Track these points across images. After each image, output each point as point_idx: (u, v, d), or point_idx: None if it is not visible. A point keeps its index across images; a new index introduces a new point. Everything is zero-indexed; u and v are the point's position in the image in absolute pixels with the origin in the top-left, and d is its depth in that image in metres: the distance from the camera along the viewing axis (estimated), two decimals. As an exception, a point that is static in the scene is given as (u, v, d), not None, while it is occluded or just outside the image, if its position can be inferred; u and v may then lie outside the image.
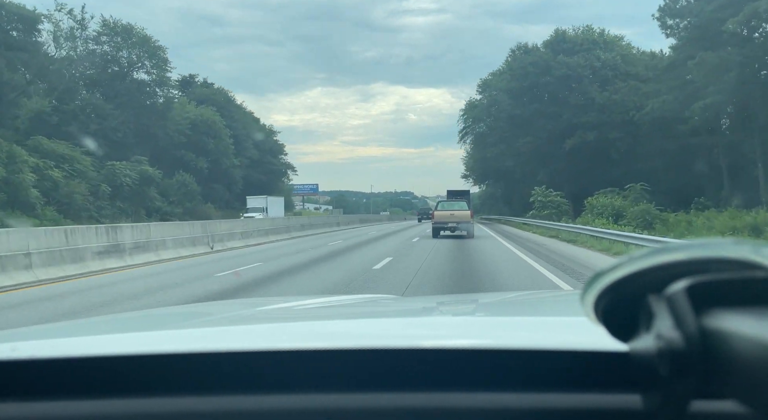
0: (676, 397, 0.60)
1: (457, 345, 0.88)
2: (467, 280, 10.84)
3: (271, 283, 10.79)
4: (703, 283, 0.58)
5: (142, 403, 0.81)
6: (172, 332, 1.36)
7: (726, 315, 0.56)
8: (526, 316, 1.64)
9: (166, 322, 1.72)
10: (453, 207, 25.82)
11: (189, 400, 0.81)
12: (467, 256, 15.85)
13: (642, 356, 0.63)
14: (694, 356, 0.56)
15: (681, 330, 0.57)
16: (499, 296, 2.87)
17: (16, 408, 0.81)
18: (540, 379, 0.80)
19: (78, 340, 1.16)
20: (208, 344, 0.97)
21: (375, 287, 9.70)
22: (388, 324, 1.41)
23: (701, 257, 0.60)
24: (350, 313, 1.82)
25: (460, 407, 0.77)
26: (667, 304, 0.59)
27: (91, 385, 0.84)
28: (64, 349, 0.95)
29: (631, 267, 0.62)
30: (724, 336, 0.55)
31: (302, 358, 0.86)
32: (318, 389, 0.81)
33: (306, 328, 1.32)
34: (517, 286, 9.73)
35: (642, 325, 0.63)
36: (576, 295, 0.78)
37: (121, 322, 1.75)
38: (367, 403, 0.79)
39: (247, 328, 1.42)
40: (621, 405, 0.75)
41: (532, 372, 0.81)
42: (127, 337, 1.24)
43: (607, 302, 0.65)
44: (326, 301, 2.23)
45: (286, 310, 1.87)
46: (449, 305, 1.99)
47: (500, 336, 1.06)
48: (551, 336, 1.02)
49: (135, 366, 0.86)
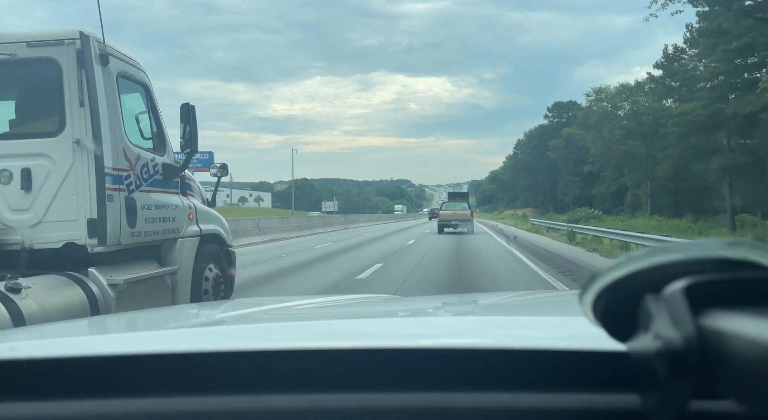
0: (674, 397, 0.60)
1: (456, 345, 0.88)
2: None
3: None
4: (701, 283, 0.58)
5: (142, 403, 0.80)
6: (171, 332, 1.35)
7: (724, 315, 0.56)
8: (526, 316, 1.63)
9: (165, 321, 1.71)
10: (455, 207, 31.39)
11: (189, 400, 0.80)
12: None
13: (640, 356, 0.63)
14: (692, 356, 0.56)
15: (679, 330, 0.57)
16: (499, 296, 2.89)
17: (15, 408, 0.81)
18: (539, 379, 0.80)
19: (77, 339, 1.15)
20: (207, 344, 0.96)
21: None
22: (388, 323, 1.40)
23: (699, 257, 0.60)
24: (350, 312, 1.80)
25: (460, 407, 0.77)
26: (665, 304, 0.59)
27: (90, 385, 0.83)
28: (63, 349, 0.94)
29: (629, 267, 0.62)
30: (722, 336, 0.55)
31: (302, 357, 0.85)
32: (318, 389, 0.81)
33: (306, 328, 1.31)
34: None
35: (640, 325, 0.63)
36: (575, 295, 0.79)
37: (120, 322, 1.71)
38: (367, 403, 0.79)
39: (247, 327, 1.41)
40: (619, 405, 0.75)
41: (531, 372, 0.81)
42: (127, 337, 1.22)
43: (606, 302, 0.65)
44: (325, 301, 2.19)
45: (285, 310, 1.85)
46: (449, 305, 1.99)
47: (500, 336, 1.05)
48: (551, 336, 1.02)
49: (134, 366, 0.86)
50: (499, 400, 0.78)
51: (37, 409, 0.81)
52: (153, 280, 5.32)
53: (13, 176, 4.69)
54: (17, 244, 4.63)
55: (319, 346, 0.88)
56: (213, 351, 0.88)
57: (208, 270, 6.18)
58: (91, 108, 4.63)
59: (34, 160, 4.69)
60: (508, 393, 0.78)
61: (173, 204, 5.72)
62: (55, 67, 4.66)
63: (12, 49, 4.66)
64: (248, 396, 0.80)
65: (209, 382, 0.83)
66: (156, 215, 5.38)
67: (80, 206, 4.67)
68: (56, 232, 4.68)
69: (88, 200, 4.67)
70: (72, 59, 4.64)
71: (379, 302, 2.21)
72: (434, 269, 13.01)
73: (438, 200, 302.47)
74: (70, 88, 4.65)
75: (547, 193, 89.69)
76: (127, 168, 4.98)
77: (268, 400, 0.80)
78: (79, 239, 4.68)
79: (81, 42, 4.62)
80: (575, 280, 10.80)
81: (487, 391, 0.79)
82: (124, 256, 5.11)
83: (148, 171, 5.30)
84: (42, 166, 4.68)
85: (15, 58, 4.68)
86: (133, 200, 5.01)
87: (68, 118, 4.68)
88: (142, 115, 5.50)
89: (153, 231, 5.34)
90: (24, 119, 5.00)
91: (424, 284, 10.50)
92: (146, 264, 5.42)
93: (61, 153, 4.67)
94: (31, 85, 4.92)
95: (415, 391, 0.79)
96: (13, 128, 5.02)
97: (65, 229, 4.68)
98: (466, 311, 1.79)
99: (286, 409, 0.78)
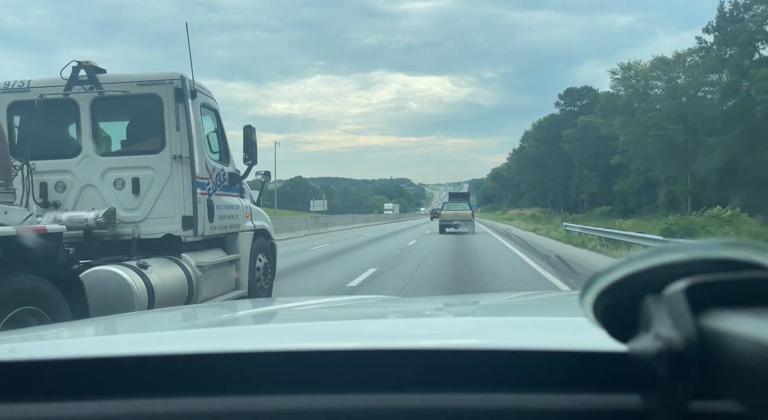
0: (674, 397, 0.60)
1: (457, 345, 0.88)
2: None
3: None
4: (702, 283, 0.58)
5: (142, 403, 0.80)
6: (172, 333, 1.36)
7: (724, 315, 0.56)
8: (527, 316, 1.65)
9: (165, 323, 1.72)
10: (457, 207, 32.15)
11: (190, 401, 0.80)
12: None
13: (641, 357, 0.62)
14: (692, 357, 0.56)
15: (679, 330, 0.57)
16: (500, 297, 2.89)
17: (16, 409, 0.80)
18: (540, 380, 0.80)
19: (76, 341, 1.14)
20: (209, 345, 0.97)
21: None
22: (390, 324, 1.41)
23: (700, 258, 0.60)
24: (351, 313, 1.83)
25: (461, 408, 0.77)
26: (666, 304, 0.59)
27: (91, 386, 0.83)
28: (63, 350, 0.94)
29: (629, 268, 0.62)
30: (723, 336, 0.55)
31: (303, 358, 0.86)
32: (319, 390, 0.80)
33: (307, 329, 1.32)
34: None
35: (641, 325, 0.63)
36: (575, 295, 0.76)
37: (120, 323, 1.75)
38: (368, 404, 0.79)
39: (248, 328, 1.43)
40: (620, 405, 0.75)
41: (531, 372, 0.81)
42: (127, 338, 1.23)
43: (606, 303, 0.65)
44: (327, 302, 2.25)
45: (286, 311, 1.89)
46: (450, 306, 2.00)
47: (500, 336, 1.06)
48: (551, 336, 1.02)
49: (135, 367, 0.86)
50: (500, 400, 0.78)
51: (37, 411, 0.80)
52: (224, 265, 6.81)
53: (126, 183, 6.17)
54: (129, 235, 6.10)
55: (320, 346, 0.88)
56: (215, 352, 0.88)
57: (259, 259, 7.66)
58: (186, 131, 6.11)
59: (142, 172, 6.18)
60: (509, 393, 0.78)
61: (235, 205, 7.21)
62: (158, 101, 6.14)
63: (125, 87, 6.15)
64: (249, 397, 0.81)
65: (211, 383, 0.83)
66: (225, 213, 6.86)
67: (176, 206, 6.15)
68: (158, 226, 6.15)
69: (182, 201, 6.14)
70: (171, 94, 6.12)
71: (381, 303, 2.23)
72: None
73: (438, 199, 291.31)
74: (169, 117, 6.13)
75: (557, 190, 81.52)
76: (208, 177, 6.46)
77: (270, 401, 0.80)
78: (175, 231, 6.16)
79: (181, 82, 6.10)
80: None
81: (488, 392, 0.79)
82: (201, 246, 6.58)
83: (220, 179, 6.78)
84: (147, 175, 6.17)
85: (128, 94, 6.16)
86: (212, 201, 6.48)
87: (167, 139, 6.16)
88: (212, 133, 6.99)
89: (223, 226, 6.82)
90: (133, 140, 6.51)
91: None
92: (216, 252, 6.90)
93: (162, 166, 6.15)
94: (139, 114, 6.43)
95: (416, 392, 0.79)
96: (124, 147, 6.53)
97: (165, 224, 6.16)
98: (467, 312, 1.80)
99: (287, 410, 0.79)
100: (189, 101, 6.17)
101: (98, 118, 6.34)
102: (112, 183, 6.17)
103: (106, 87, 6.14)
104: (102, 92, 6.14)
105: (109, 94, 6.14)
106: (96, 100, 6.19)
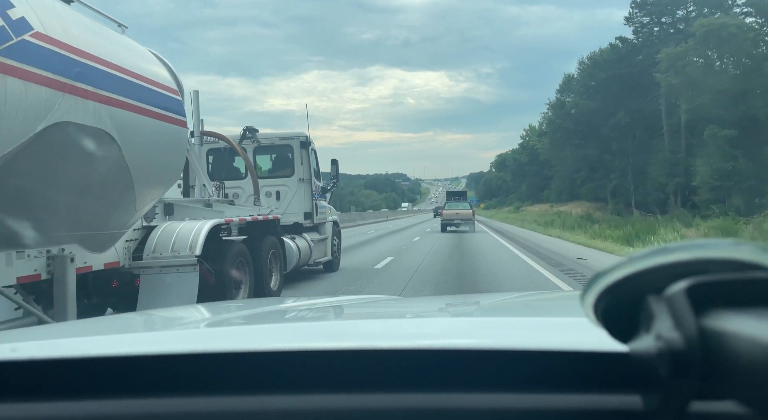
0: (675, 397, 0.60)
1: (458, 345, 0.88)
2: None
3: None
4: (703, 283, 0.58)
5: (143, 403, 0.81)
6: (173, 332, 1.38)
7: (726, 315, 0.56)
8: (527, 316, 1.66)
9: (168, 322, 1.74)
10: (458, 207, 33.93)
11: (192, 400, 0.81)
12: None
13: (642, 357, 0.62)
14: (693, 357, 0.56)
15: (681, 331, 0.56)
16: (501, 297, 2.86)
17: (17, 409, 0.81)
18: (540, 380, 0.80)
19: (77, 340, 1.15)
20: (210, 344, 0.97)
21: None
22: (391, 324, 1.42)
23: (701, 258, 0.60)
24: (352, 313, 1.87)
25: (462, 408, 0.78)
26: (667, 304, 0.58)
27: (92, 386, 0.83)
28: (64, 350, 0.94)
29: (631, 267, 0.62)
30: (724, 336, 0.54)
31: (304, 358, 0.86)
32: (320, 389, 0.81)
33: (308, 328, 1.34)
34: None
35: (642, 325, 0.63)
36: (576, 295, 0.76)
37: (122, 323, 1.76)
38: (368, 404, 0.80)
39: (249, 328, 1.44)
40: (621, 405, 0.75)
41: (532, 372, 0.81)
42: (127, 338, 1.25)
43: (607, 303, 0.65)
44: (327, 302, 2.32)
45: (287, 311, 1.92)
46: (451, 306, 2.02)
47: (501, 336, 1.05)
48: (552, 336, 1.01)
49: (136, 366, 0.86)
50: (500, 400, 0.78)
51: (38, 410, 0.81)
52: (321, 241, 11.80)
53: (272, 194, 11.11)
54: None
55: (321, 346, 0.88)
56: (216, 352, 0.88)
57: (334, 239, 12.60)
58: (307, 165, 11.12)
59: (281, 187, 11.15)
60: (509, 393, 0.79)
61: (325, 205, 12.22)
62: (290, 148, 11.17)
63: (272, 140, 11.20)
64: (250, 396, 0.81)
65: (212, 382, 0.84)
66: (321, 210, 11.85)
67: (300, 206, 11.12)
68: (290, 218, 11.09)
69: (303, 204, 11.10)
70: (298, 144, 11.13)
71: (382, 303, 2.26)
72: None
73: (434, 194, 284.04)
74: (296, 156, 11.13)
75: (627, 171, 49.41)
76: (314, 190, 11.42)
77: (270, 400, 0.81)
78: (299, 220, 11.11)
79: (304, 137, 11.11)
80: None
81: (489, 392, 0.79)
82: (308, 230, 11.51)
83: (318, 190, 11.76)
84: (285, 189, 11.15)
85: (273, 145, 11.20)
86: (316, 204, 11.46)
87: (296, 168, 11.15)
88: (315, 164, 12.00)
89: (320, 218, 11.80)
90: (276, 169, 11.60)
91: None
92: (315, 234, 11.82)
93: (292, 184, 11.14)
94: (279, 155, 11.49)
95: (417, 392, 0.80)
96: (270, 173, 11.62)
97: (293, 216, 11.11)
98: (468, 312, 1.83)
99: (288, 410, 0.79)
100: (308, 148, 11.18)
101: (257, 157, 11.31)
102: (265, 194, 11.10)
103: (261, 140, 11.11)
104: (259, 143, 11.13)
105: (263, 143, 11.17)
106: (256, 148, 11.22)
